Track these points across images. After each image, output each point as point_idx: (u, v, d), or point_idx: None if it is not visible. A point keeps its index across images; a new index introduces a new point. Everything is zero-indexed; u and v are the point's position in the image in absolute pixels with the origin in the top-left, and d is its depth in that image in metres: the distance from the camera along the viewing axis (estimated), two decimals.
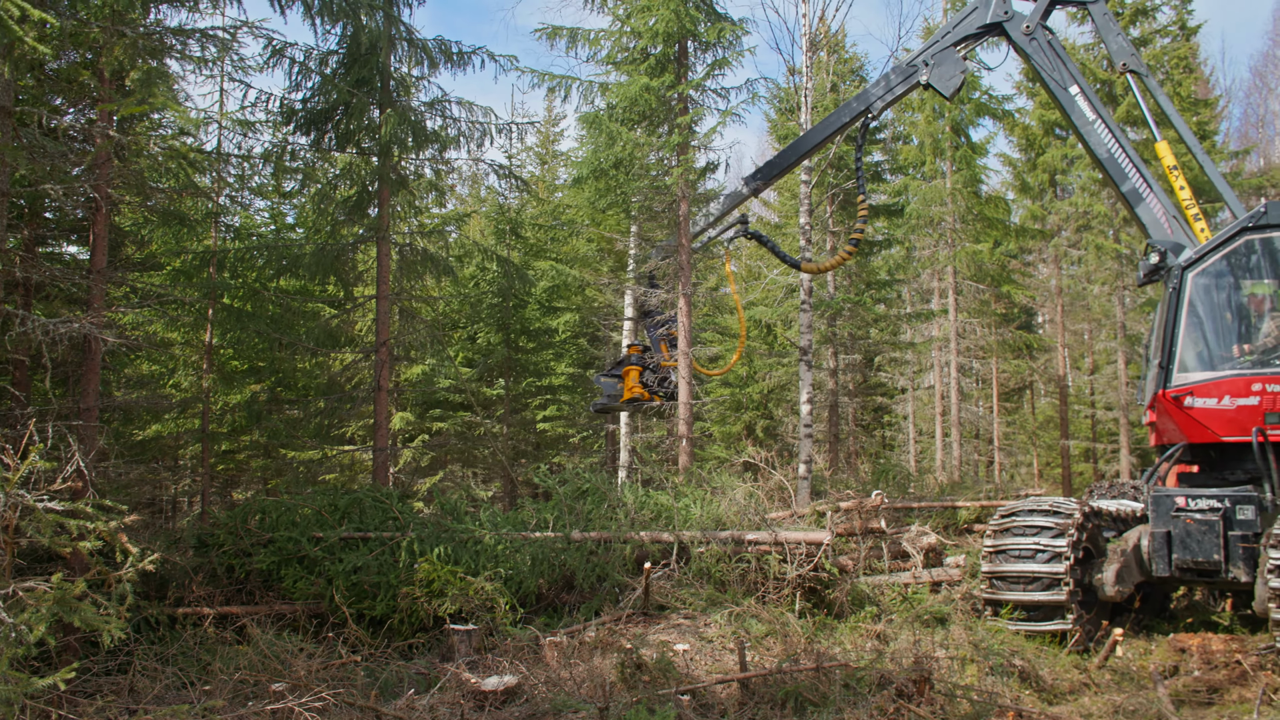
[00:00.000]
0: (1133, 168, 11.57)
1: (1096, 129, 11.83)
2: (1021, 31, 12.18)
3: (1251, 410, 10.33)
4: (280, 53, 13.90)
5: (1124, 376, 24.32)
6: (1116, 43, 12.25)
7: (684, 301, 15.66)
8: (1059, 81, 12.06)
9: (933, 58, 12.47)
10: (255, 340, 15.95)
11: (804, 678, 7.81)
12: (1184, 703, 8.62)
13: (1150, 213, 11.41)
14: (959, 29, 12.59)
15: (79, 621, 4.96)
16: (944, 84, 12.66)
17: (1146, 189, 11.50)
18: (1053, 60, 12.12)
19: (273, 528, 10.67)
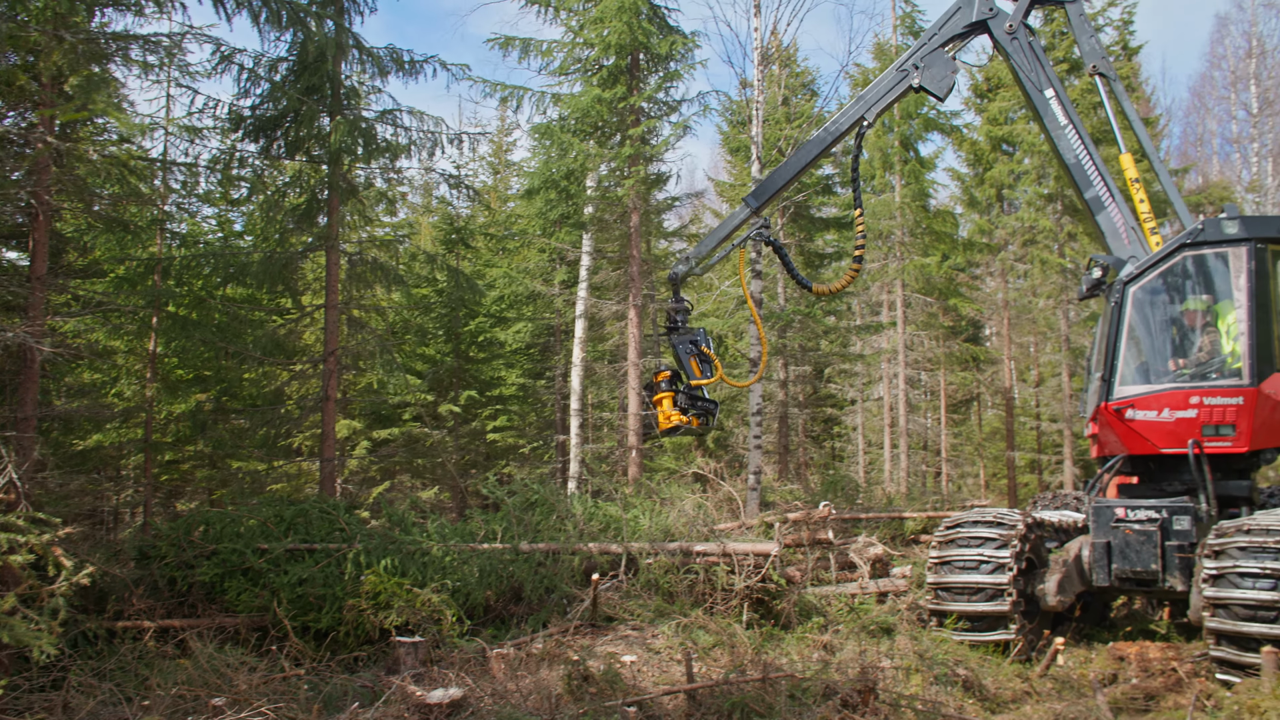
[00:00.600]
0: (1098, 176, 11.75)
1: (1067, 134, 11.98)
2: (1004, 30, 12.29)
3: (1189, 423, 10.55)
4: (229, 59, 13.75)
5: (1068, 389, 24.71)
6: (1089, 44, 12.40)
7: (634, 313, 15.70)
8: (1035, 83, 12.19)
9: (922, 60, 12.48)
10: (201, 349, 15.72)
11: (750, 689, 7.83)
12: (1122, 710, 8.77)
13: (1110, 222, 11.60)
14: (946, 29, 12.59)
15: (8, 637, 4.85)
16: (936, 85, 12.55)
17: (1109, 198, 11.67)
18: (1031, 62, 12.24)
19: (217, 539, 10.51)
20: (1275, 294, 10.77)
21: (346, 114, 14.57)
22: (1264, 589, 8.59)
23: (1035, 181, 25.09)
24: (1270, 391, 10.46)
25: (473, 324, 23.60)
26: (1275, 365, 10.57)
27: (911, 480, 28.45)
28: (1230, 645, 8.76)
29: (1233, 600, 8.72)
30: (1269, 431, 10.68)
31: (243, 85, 14.16)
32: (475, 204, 25.23)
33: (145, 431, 15.96)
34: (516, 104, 17.78)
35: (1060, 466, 26.16)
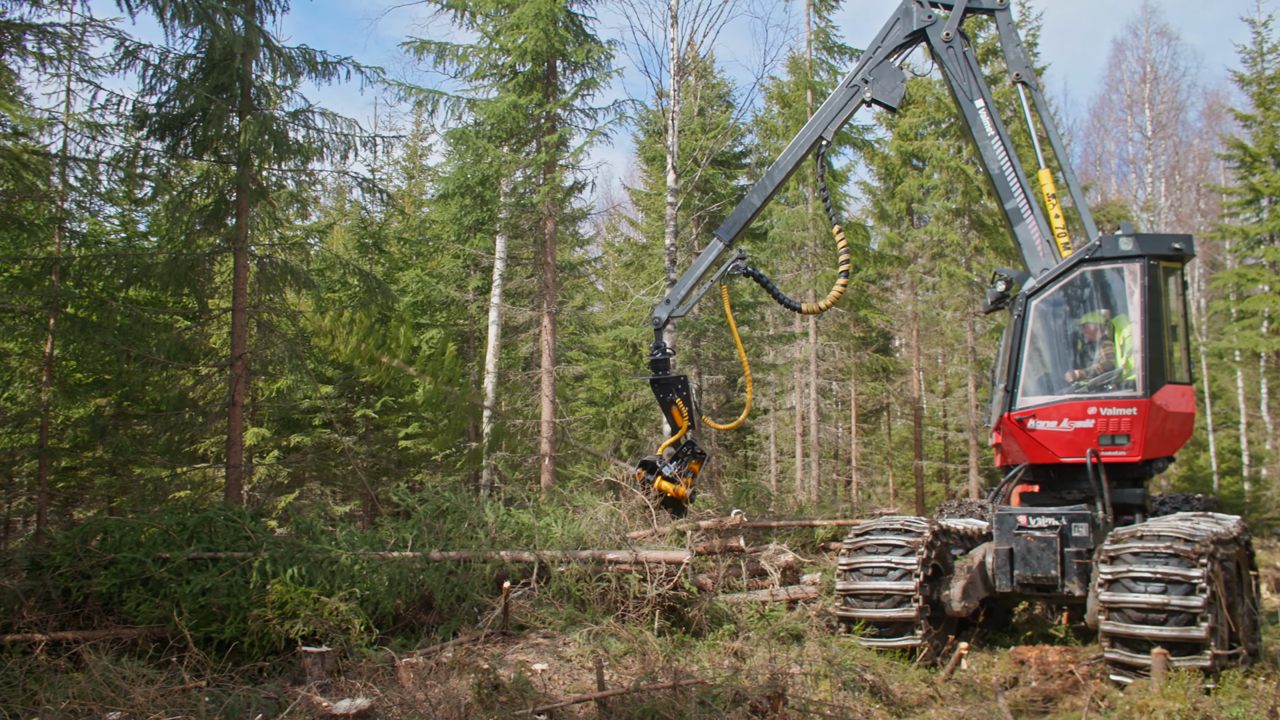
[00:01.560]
0: (1019, 187, 12.08)
1: (993, 144, 12.30)
2: (942, 38, 12.57)
3: (1087, 433, 10.91)
4: (133, 54, 13.41)
5: (974, 399, 25.30)
6: (1015, 53, 12.74)
7: (549, 320, 15.66)
8: (967, 93, 12.48)
9: (870, 74, 12.71)
10: (101, 352, 15.27)
11: (661, 696, 7.85)
12: (1022, 712, 9.01)
13: (1028, 233, 11.93)
14: (889, 41, 12.84)
15: None
16: (887, 96, 12.82)
17: (1028, 210, 12.02)
18: (964, 71, 12.53)
19: (115, 548, 10.18)
20: (1167, 309, 11.20)
21: (257, 114, 14.30)
22: (1155, 593, 8.90)
23: (944, 196, 25.66)
24: (1162, 402, 10.87)
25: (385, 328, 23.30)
26: (1167, 377, 11.00)
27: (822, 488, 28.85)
28: (1124, 647, 9.06)
29: (1126, 604, 9.02)
30: (1161, 441, 11.10)
31: (148, 82, 13.81)
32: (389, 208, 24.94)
33: (40, 436, 15.43)
34: (432, 108, 17.65)
35: (966, 475, 26.76)
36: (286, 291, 16.96)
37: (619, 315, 26.55)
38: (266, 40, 14.42)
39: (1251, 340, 26.66)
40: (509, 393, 26.76)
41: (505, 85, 16.99)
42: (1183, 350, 11.53)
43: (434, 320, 24.84)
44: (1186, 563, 8.89)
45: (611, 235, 38.17)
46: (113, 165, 13.78)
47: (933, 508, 27.06)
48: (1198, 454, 30.32)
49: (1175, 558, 8.97)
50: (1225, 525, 9.82)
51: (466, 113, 17.45)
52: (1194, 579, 8.77)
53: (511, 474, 20.08)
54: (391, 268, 25.49)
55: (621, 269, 31.99)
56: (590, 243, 35.31)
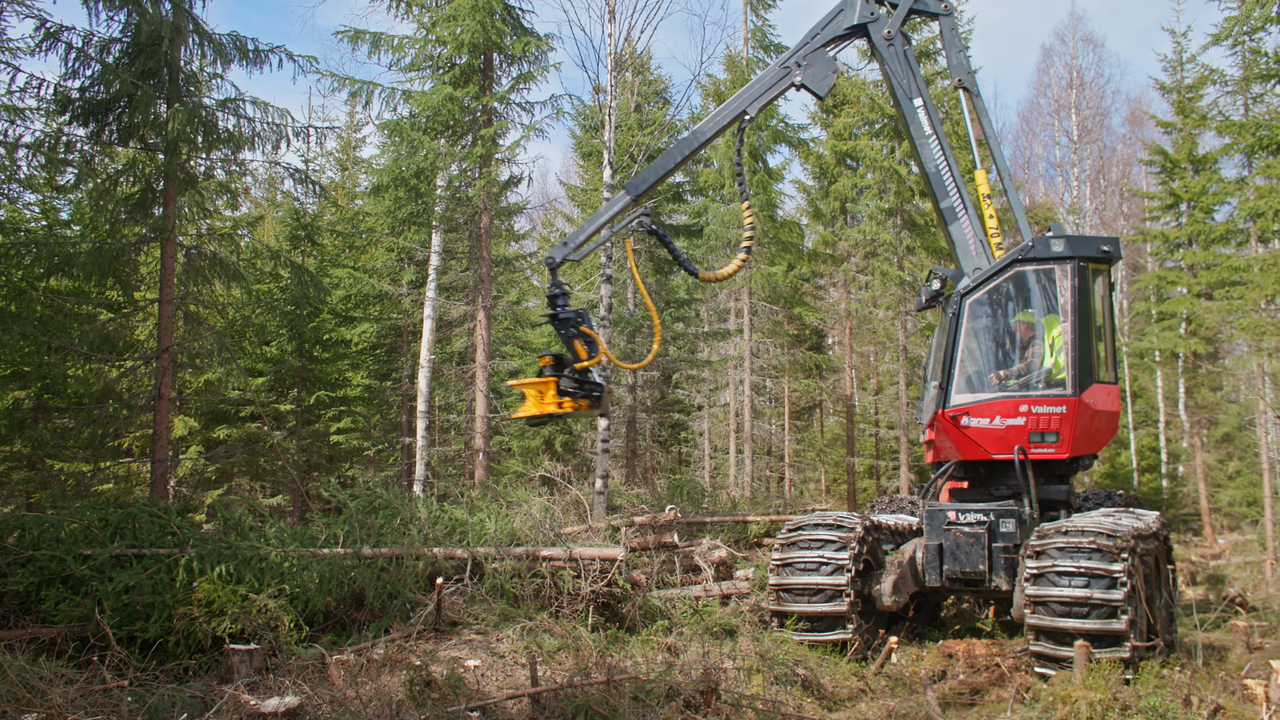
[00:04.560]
0: (955, 187, 12.20)
1: (930, 144, 12.40)
2: (883, 35, 12.61)
3: (1018, 430, 11.11)
4: (54, 36, 13.05)
5: (905, 397, 25.65)
6: (958, 58, 12.86)
7: (484, 315, 15.56)
8: (906, 91, 12.55)
9: (804, 59, 12.67)
10: (20, 343, 14.83)
11: (594, 692, 7.85)
12: (950, 705, 9.16)
13: (961, 232, 12.07)
14: (828, 30, 12.79)
15: None
16: (817, 84, 12.67)
17: (962, 210, 12.15)
18: (904, 70, 12.61)
19: (34, 545, 9.90)
20: (1095, 309, 11.44)
21: (186, 101, 14.00)
22: (1078, 586, 9.11)
23: (877, 196, 25.95)
24: (1090, 401, 11.11)
25: (317, 322, 22.99)
26: (1095, 376, 11.24)
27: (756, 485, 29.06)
28: (1048, 640, 9.26)
29: (1050, 597, 9.21)
30: (1088, 439, 11.35)
31: (71, 65, 13.45)
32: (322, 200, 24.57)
33: None
34: (366, 99, 17.43)
35: (897, 472, 27.13)
36: (215, 283, 16.62)
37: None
38: (196, 25, 14.12)
39: (1170, 341, 27.38)
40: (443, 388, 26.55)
41: (441, 77, 16.82)
42: (1108, 350, 11.79)
43: (367, 314, 24.55)
44: (1108, 557, 9.11)
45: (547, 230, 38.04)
46: (33, 150, 13.38)
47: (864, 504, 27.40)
48: (1119, 451, 31.09)
49: (1098, 552, 9.18)
50: (1145, 521, 10.07)
51: (402, 104, 17.27)
52: (1115, 573, 8.98)
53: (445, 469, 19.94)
54: (324, 260, 25.14)
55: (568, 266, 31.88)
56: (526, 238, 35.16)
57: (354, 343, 24.18)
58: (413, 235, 22.34)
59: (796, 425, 35.74)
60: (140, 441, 19.69)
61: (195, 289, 15.71)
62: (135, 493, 19.21)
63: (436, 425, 24.02)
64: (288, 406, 22.30)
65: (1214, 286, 25.72)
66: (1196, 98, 27.19)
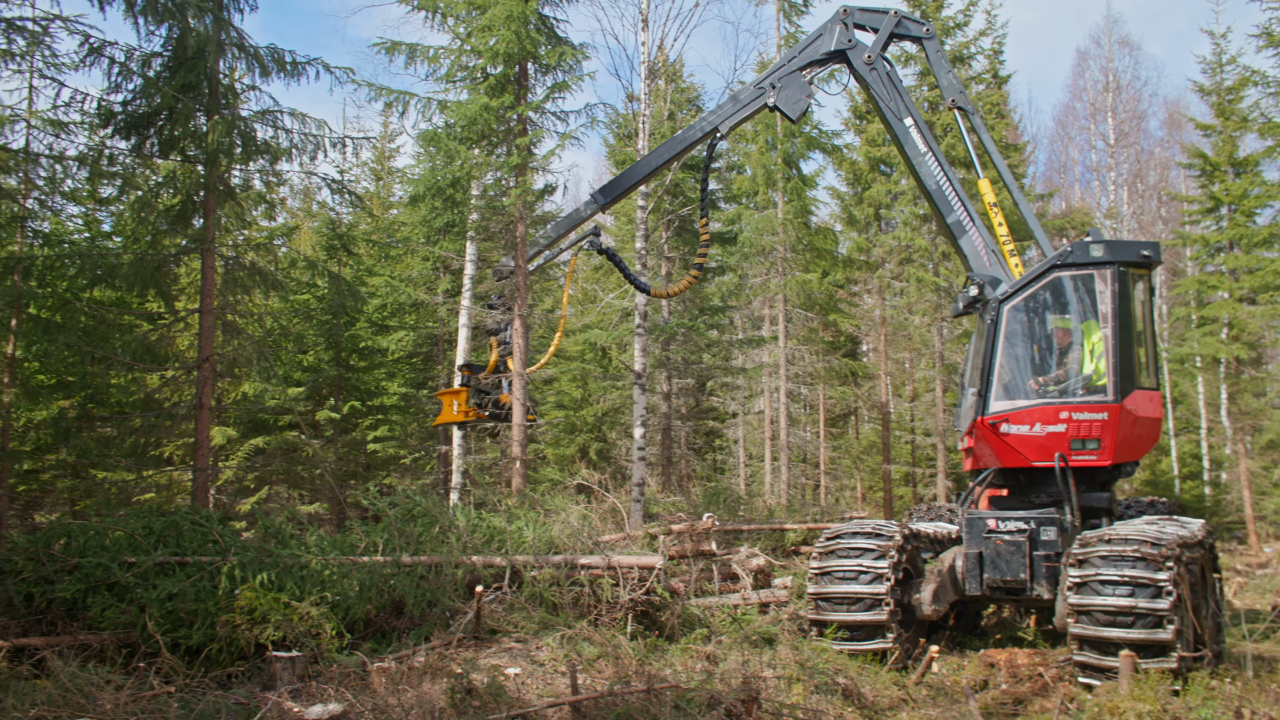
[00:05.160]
0: (958, 201, 12.14)
1: (927, 161, 12.35)
2: (863, 61, 12.60)
3: (1059, 437, 10.99)
4: (98, 51, 13.22)
5: (941, 404, 25.47)
6: (947, 79, 12.81)
7: (520, 323, 15.60)
8: (895, 112, 12.52)
9: (779, 81, 12.72)
10: (65, 353, 15.04)
11: (635, 700, 7.84)
12: (993, 715, 9.07)
13: (971, 245, 12.01)
14: (805, 54, 12.86)
15: None
16: (790, 107, 12.85)
17: (969, 222, 12.09)
18: (890, 91, 12.59)
19: (80, 552, 10.01)
20: (1135, 314, 11.32)
21: (225, 113, 14.15)
22: (1122, 596, 8.99)
23: (911, 202, 25.83)
24: (1132, 407, 10.98)
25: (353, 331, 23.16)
26: (1136, 383, 11.11)
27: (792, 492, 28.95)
28: (1092, 650, 9.15)
29: (1094, 606, 9.10)
30: (1130, 446, 11.22)
31: (114, 79, 13.61)
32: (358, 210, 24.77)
33: (1, 439, 15.17)
34: (402, 110, 17.50)
35: (934, 479, 26.94)
36: (254, 292, 16.79)
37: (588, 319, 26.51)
38: (235, 38, 14.27)
39: (1212, 346, 27.03)
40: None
41: (476, 87, 16.87)
42: (1149, 355, 11.67)
43: (403, 323, 24.70)
44: (1153, 566, 8.99)
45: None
46: (78, 163, 13.57)
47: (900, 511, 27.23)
48: (1159, 458, 30.72)
49: (1142, 561, 9.06)
50: (1190, 529, 9.93)
51: (437, 114, 17.32)
52: (1160, 582, 8.87)
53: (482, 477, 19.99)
54: (360, 270, 25.32)
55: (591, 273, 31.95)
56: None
57: (390, 351, 24.32)
58: (448, 244, 22.46)
59: (832, 432, 35.59)
60: (181, 450, 19.90)
61: (234, 299, 15.87)
62: (177, 501, 19.41)
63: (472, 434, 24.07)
64: (325, 415, 22.45)
65: (1256, 291, 25.40)
66: (1237, 99, 26.88)
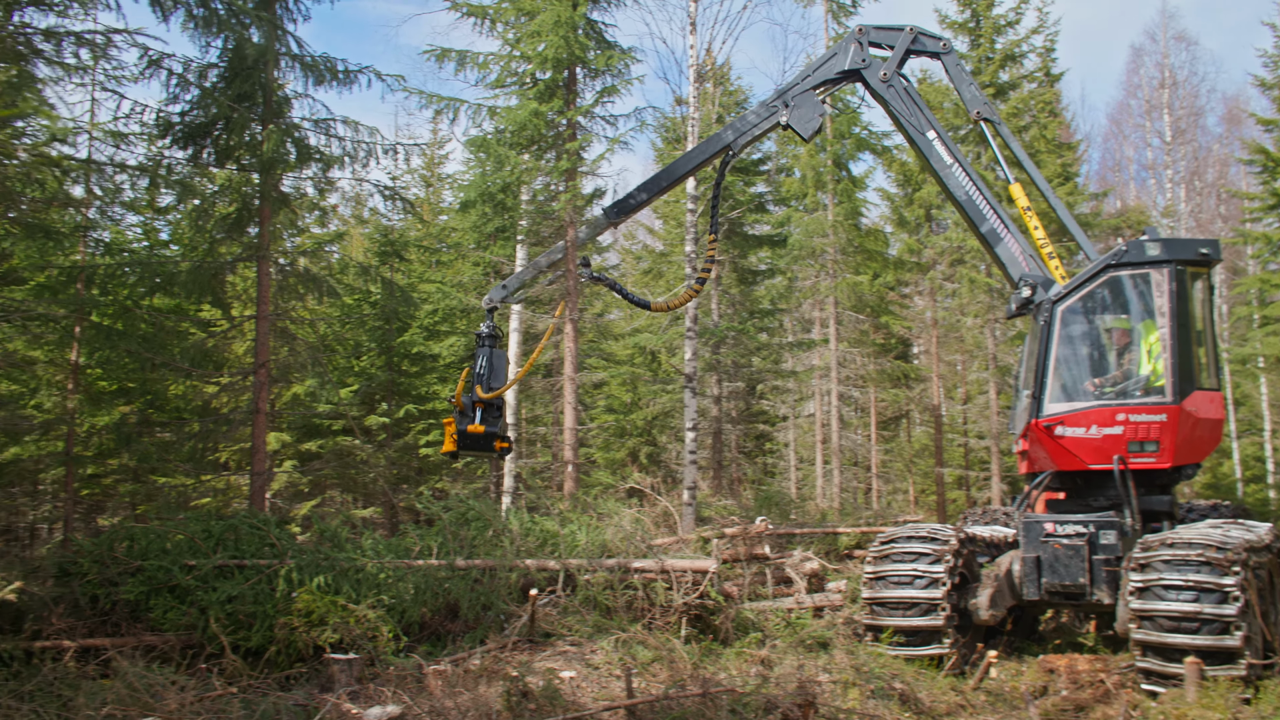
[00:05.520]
0: (990, 209, 12.00)
1: (954, 172, 12.20)
2: (879, 79, 12.52)
3: (1116, 439, 10.79)
4: (157, 63, 13.44)
5: (995, 406, 25.16)
6: (969, 92, 12.67)
7: (570, 327, 15.65)
8: (916, 127, 12.40)
9: (793, 99, 12.71)
10: (126, 360, 15.33)
11: (691, 704, 7.82)
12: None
13: (1009, 252, 11.85)
14: (819, 73, 12.83)
15: None
16: (802, 126, 12.74)
17: (1004, 229, 11.93)
18: (910, 106, 12.48)
19: (142, 555, 10.20)
20: (1194, 314, 11.09)
21: (279, 122, 14.34)
22: (1187, 601, 8.80)
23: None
24: (1192, 409, 10.76)
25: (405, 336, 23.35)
26: (1196, 383, 10.88)
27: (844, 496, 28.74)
28: (1155, 656, 8.96)
29: (1157, 612, 8.92)
30: (1190, 448, 10.98)
31: (172, 91, 13.85)
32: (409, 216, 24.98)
33: (66, 444, 15.48)
34: (452, 116, 17.65)
35: (988, 482, 26.61)
36: (308, 299, 17.00)
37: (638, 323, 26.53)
38: (290, 48, 14.46)
39: (1275, 346, 26.41)
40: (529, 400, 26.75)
41: (526, 92, 16.96)
42: (1209, 355, 11.42)
43: (454, 328, 24.86)
44: (1219, 570, 8.79)
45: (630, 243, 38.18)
46: (136, 174, 13.83)
47: (954, 515, 26.94)
48: (1221, 461, 30.10)
49: (1207, 565, 8.87)
50: (1257, 532, 9.69)
51: (487, 120, 17.44)
52: (1227, 587, 8.67)
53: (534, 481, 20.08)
54: (411, 276, 25.54)
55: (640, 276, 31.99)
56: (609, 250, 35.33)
57: (442, 356, 24.48)
58: (499, 249, 22.59)
59: (883, 435, 35.29)
60: (237, 455, 20.18)
61: (288, 305, 16.06)
62: (234, 505, 19.67)
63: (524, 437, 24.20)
64: (377, 420, 22.65)
65: None
66: None
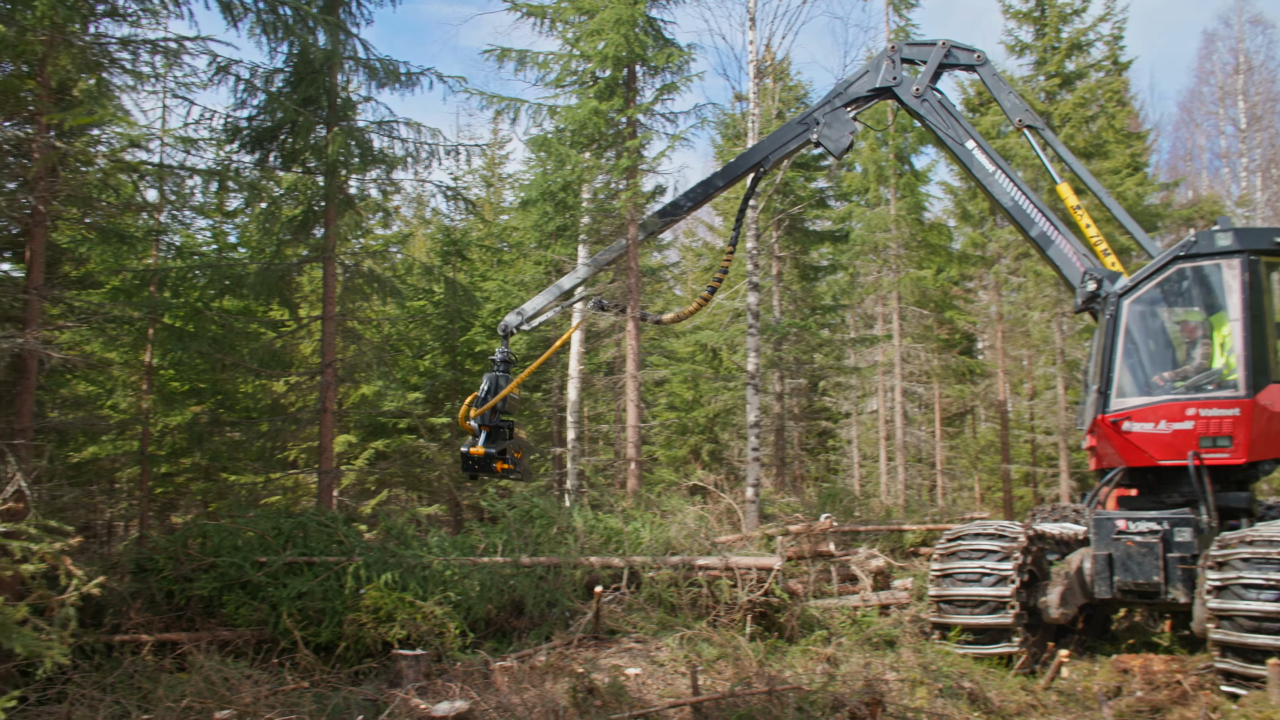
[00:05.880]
0: (1038, 212, 11.84)
1: (998, 179, 12.09)
2: (912, 94, 12.53)
3: (1186, 435, 10.54)
4: (225, 69, 13.68)
5: (1063, 401, 24.73)
6: (1009, 101, 12.58)
7: (632, 325, 15.67)
8: (955, 138, 12.37)
9: (824, 116, 12.79)
10: (197, 361, 15.64)
11: (756, 701, 7.79)
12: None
13: (1061, 253, 11.69)
14: (850, 91, 12.96)
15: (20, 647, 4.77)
16: (832, 144, 12.89)
17: (1054, 231, 11.78)
18: (946, 119, 12.42)
19: (214, 552, 10.42)
20: (1269, 305, 10.79)
21: (343, 125, 14.53)
22: (1268, 600, 8.57)
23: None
24: (1267, 403, 10.46)
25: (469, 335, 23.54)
26: (1271, 376, 10.57)
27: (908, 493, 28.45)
28: (1236, 657, 8.74)
29: (1237, 612, 8.70)
30: (1267, 442, 10.67)
31: (239, 96, 14.09)
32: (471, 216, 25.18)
33: (141, 444, 15.85)
34: (513, 116, 17.75)
35: (1056, 479, 26.17)
36: (373, 299, 17.21)
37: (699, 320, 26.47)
38: (354, 51, 14.64)
39: None
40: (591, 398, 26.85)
41: (586, 91, 17.01)
42: None
43: None
44: None
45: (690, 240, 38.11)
46: (206, 178, 14.11)
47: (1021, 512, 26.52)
48: None
49: None
50: None
51: (547, 120, 17.53)
52: None
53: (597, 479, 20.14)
54: (474, 275, 25.72)
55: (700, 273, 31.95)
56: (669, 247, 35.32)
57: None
58: (560, 248, 22.69)
59: (948, 432, 34.83)
60: (305, 454, 20.51)
61: (353, 305, 16.27)
62: (302, 503, 20.00)
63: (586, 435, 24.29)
64: (442, 419, 22.87)
65: None
66: None
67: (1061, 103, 24.85)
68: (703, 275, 31.52)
